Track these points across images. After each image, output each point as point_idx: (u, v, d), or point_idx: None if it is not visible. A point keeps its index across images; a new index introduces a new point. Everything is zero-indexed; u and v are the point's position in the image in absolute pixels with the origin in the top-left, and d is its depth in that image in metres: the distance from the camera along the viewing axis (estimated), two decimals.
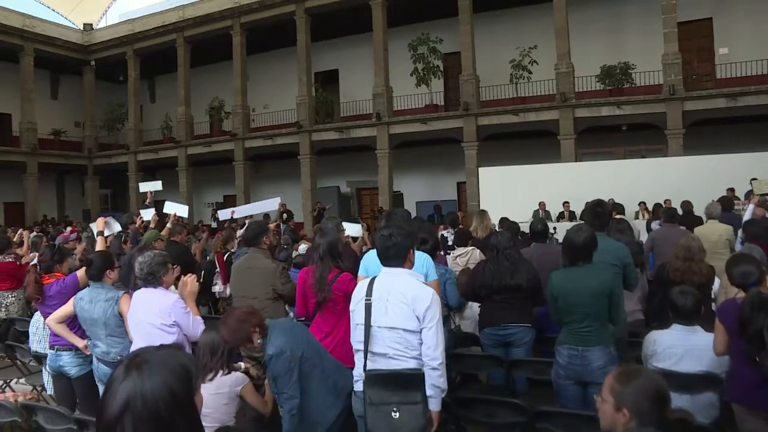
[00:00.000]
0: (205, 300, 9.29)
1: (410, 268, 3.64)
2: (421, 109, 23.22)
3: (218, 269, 9.28)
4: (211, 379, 3.99)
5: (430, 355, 3.39)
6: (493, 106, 21.92)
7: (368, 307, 3.48)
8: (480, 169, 20.14)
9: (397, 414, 3.30)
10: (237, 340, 3.59)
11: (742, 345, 3.62)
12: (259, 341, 3.58)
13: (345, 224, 7.03)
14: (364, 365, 3.43)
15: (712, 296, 5.65)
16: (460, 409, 4.27)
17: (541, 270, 5.72)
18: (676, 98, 18.93)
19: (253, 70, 27.03)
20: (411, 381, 3.39)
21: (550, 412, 3.94)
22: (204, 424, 3.47)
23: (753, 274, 3.77)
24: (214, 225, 19.55)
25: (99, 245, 6.08)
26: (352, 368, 3.64)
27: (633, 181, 15.47)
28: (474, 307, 5.92)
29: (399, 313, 3.43)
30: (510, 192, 17.13)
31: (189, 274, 4.72)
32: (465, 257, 7.11)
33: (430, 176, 25.22)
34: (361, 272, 4.61)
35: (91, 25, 30.97)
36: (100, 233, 6.48)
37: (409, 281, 3.56)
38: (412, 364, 3.42)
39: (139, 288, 4.47)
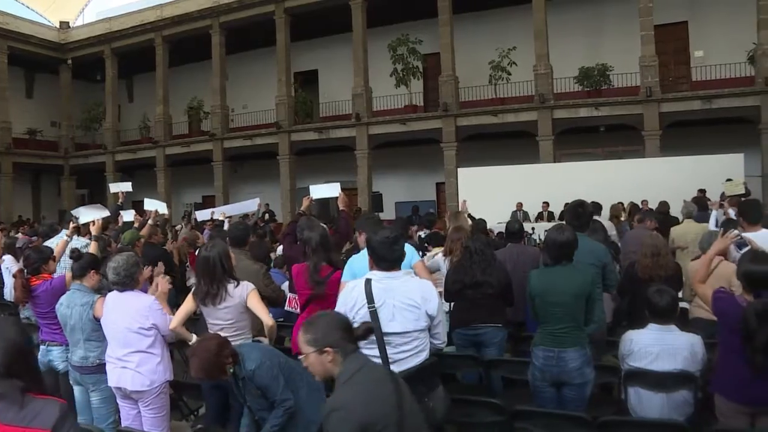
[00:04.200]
0: (177, 300, 9.20)
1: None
2: (400, 109, 23.24)
3: (189, 265, 9.20)
4: (219, 302, 4.19)
5: (441, 340, 3.68)
6: (472, 107, 22.00)
7: (375, 315, 3.46)
8: (459, 169, 20.23)
9: (430, 403, 3.44)
10: (211, 374, 3.58)
11: (733, 340, 3.67)
12: (231, 370, 3.59)
13: (317, 186, 7.02)
14: None
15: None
16: None
17: (515, 270, 5.78)
18: (652, 100, 19.14)
19: (232, 69, 26.89)
20: (431, 371, 3.56)
21: (528, 412, 3.97)
22: (230, 333, 3.96)
23: None
24: (181, 225, 19.36)
25: (92, 249, 6.00)
26: None
27: (611, 182, 15.59)
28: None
29: (409, 318, 3.48)
30: (489, 192, 17.18)
31: (161, 275, 4.71)
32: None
33: (409, 177, 25.25)
34: (346, 278, 4.42)
35: (68, 23, 30.61)
36: (96, 238, 6.38)
37: (409, 282, 3.61)
38: (422, 357, 3.53)
39: (113, 291, 4.44)
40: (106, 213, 7.87)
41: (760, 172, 18.04)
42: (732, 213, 8.57)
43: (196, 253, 9.00)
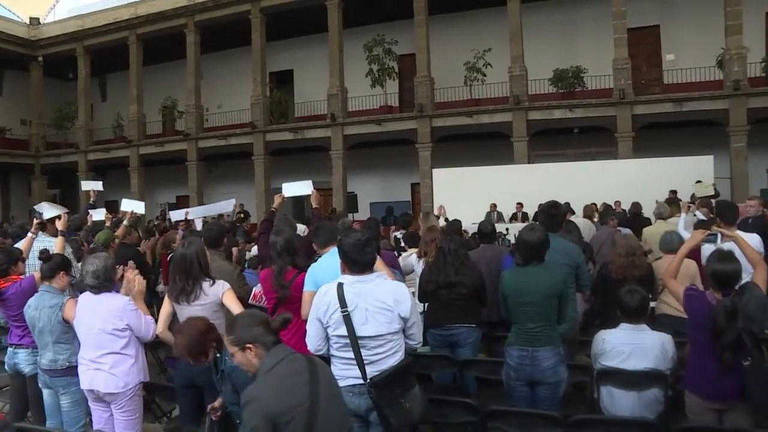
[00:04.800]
0: (150, 301, 9.13)
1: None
2: (375, 110, 23.25)
3: (161, 269, 9.13)
4: (194, 299, 4.16)
5: (416, 340, 3.66)
6: (447, 108, 22.06)
7: (348, 319, 3.45)
8: (434, 170, 20.31)
9: (407, 404, 3.45)
10: (194, 353, 3.55)
11: (703, 337, 3.74)
12: (215, 355, 3.57)
13: (289, 184, 6.98)
14: (364, 375, 3.43)
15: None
16: None
17: (489, 271, 5.82)
18: (625, 102, 19.35)
19: (207, 69, 26.74)
20: (406, 371, 3.57)
21: (501, 412, 4.00)
22: None
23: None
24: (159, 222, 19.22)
25: (59, 246, 5.92)
26: None
27: (584, 183, 15.74)
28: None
29: (382, 321, 3.48)
30: (463, 193, 17.30)
31: (135, 272, 4.66)
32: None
33: (384, 177, 25.27)
34: (309, 287, 4.38)
35: (38, 19, 30.08)
36: (63, 233, 6.30)
37: (381, 285, 3.59)
38: (397, 358, 3.53)
39: (85, 292, 4.39)
40: (66, 210, 7.74)
41: (729, 173, 18.35)
42: (700, 215, 8.72)
43: (171, 256, 8.98)
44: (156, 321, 4.44)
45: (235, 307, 4.26)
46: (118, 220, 8.66)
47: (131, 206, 9.21)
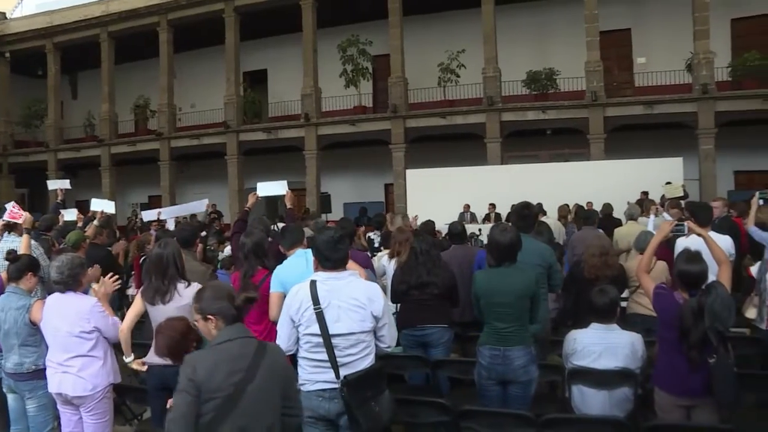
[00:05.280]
0: (120, 304, 9.03)
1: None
2: (349, 110, 23.22)
3: (133, 272, 9.03)
4: (169, 300, 4.12)
5: (387, 343, 3.65)
6: (421, 109, 22.12)
7: (321, 316, 3.44)
8: (407, 171, 20.39)
9: (377, 407, 3.44)
10: (175, 353, 3.51)
11: (671, 335, 3.80)
12: None
13: (264, 184, 6.95)
14: (336, 374, 3.41)
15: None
16: None
17: (460, 271, 5.84)
18: (597, 104, 19.56)
19: (180, 68, 26.48)
20: (378, 375, 3.57)
21: (473, 411, 4.02)
22: None
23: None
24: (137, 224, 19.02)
25: (24, 245, 5.81)
26: None
27: (557, 184, 15.87)
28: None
29: (355, 318, 3.47)
30: (437, 194, 17.37)
31: (109, 274, 4.61)
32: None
33: (357, 178, 25.26)
34: (275, 288, 4.43)
35: (4, 14, 29.46)
36: (28, 231, 6.20)
37: (354, 283, 3.59)
38: (369, 361, 3.52)
39: (55, 292, 4.33)
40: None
41: (698, 175, 18.64)
42: (667, 216, 8.84)
43: (143, 258, 8.88)
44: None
45: None
46: (89, 220, 8.56)
47: (101, 206, 9.12)
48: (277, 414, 2.87)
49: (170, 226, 11.09)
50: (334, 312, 3.44)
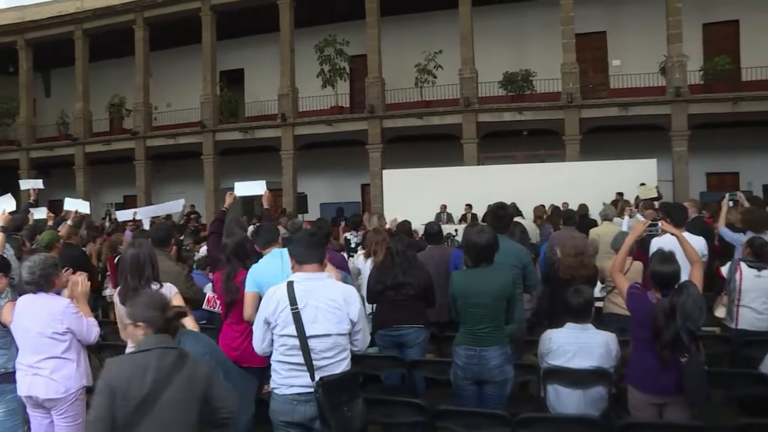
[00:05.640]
0: (95, 305, 8.94)
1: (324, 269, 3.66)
2: (326, 110, 23.20)
3: (108, 272, 8.94)
4: None
5: (359, 347, 3.65)
6: (398, 109, 22.18)
7: (297, 317, 3.41)
8: (384, 171, 20.40)
9: (349, 412, 3.42)
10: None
11: (644, 334, 3.86)
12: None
13: (242, 183, 6.91)
14: (312, 376, 3.39)
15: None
16: None
17: (437, 272, 5.85)
18: (573, 106, 19.74)
19: (156, 66, 26.23)
20: (352, 381, 3.57)
21: (449, 411, 4.03)
22: None
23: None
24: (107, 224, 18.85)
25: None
26: (263, 367, 3.62)
27: (533, 185, 15.97)
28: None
29: (332, 319, 3.46)
30: (413, 194, 17.39)
31: (79, 273, 4.55)
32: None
33: (334, 178, 25.24)
34: (250, 288, 4.41)
35: None
36: (3, 229, 6.09)
37: (332, 284, 3.59)
38: (344, 365, 3.51)
39: (27, 293, 4.27)
40: (11, 204, 7.44)
41: (671, 176, 18.88)
42: (641, 217, 8.94)
43: (117, 258, 8.79)
44: (99, 323, 4.34)
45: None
46: (61, 219, 8.45)
47: (75, 206, 9.00)
48: (193, 425, 2.89)
49: (146, 226, 11.00)
50: (311, 312, 3.43)
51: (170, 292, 4.24)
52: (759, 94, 18.83)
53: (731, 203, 7.78)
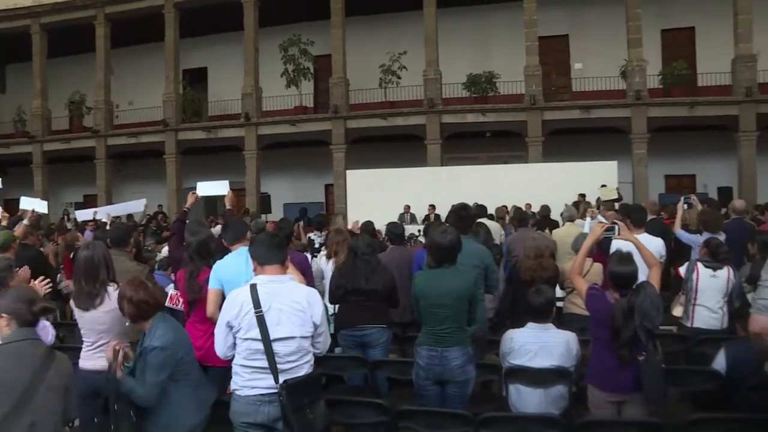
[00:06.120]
0: (54, 305, 8.77)
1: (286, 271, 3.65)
2: (290, 110, 23.10)
3: (63, 267, 8.79)
4: (99, 304, 4.00)
5: (320, 350, 3.65)
6: (362, 110, 22.20)
7: (261, 320, 3.39)
8: (348, 171, 20.41)
9: (311, 415, 3.41)
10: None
11: (603, 334, 3.93)
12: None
13: (204, 183, 6.83)
14: (276, 378, 3.37)
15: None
16: None
17: (399, 272, 5.86)
18: (536, 108, 19.96)
19: (118, 64, 25.80)
20: (315, 383, 3.59)
21: (411, 411, 4.04)
22: (106, 340, 3.85)
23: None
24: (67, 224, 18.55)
25: None
26: (226, 366, 3.59)
27: (496, 186, 16.10)
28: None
29: (296, 322, 3.45)
30: (377, 195, 17.43)
31: (39, 278, 4.46)
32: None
33: (298, 178, 25.15)
34: (213, 285, 4.41)
35: None
36: None
37: (295, 286, 3.59)
38: (307, 368, 3.51)
39: None
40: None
41: (631, 178, 19.22)
42: (601, 218, 9.09)
43: (73, 255, 8.64)
44: (57, 324, 4.27)
45: None
46: (17, 219, 8.27)
47: (32, 205, 8.82)
48: (63, 414, 3.01)
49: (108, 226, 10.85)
50: (275, 315, 3.41)
51: None
52: (713, 99, 19.37)
53: (686, 206, 8.04)
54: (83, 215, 13.41)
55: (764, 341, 3.05)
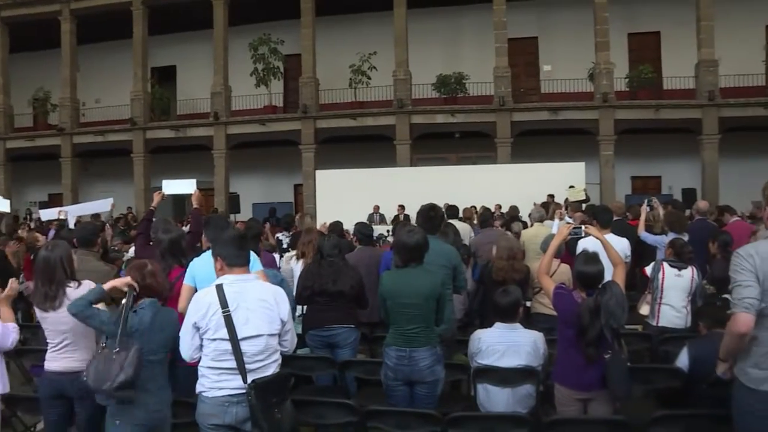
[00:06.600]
0: (17, 307, 8.62)
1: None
2: (259, 110, 22.99)
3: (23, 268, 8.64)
4: (59, 306, 3.90)
5: (288, 348, 3.66)
6: (331, 110, 22.18)
7: (229, 320, 3.37)
8: (317, 171, 20.41)
9: (279, 414, 3.40)
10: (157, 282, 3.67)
11: (569, 333, 3.99)
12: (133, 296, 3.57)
13: (171, 182, 6.76)
14: (244, 378, 3.35)
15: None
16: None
17: (368, 272, 5.86)
18: (505, 109, 20.11)
19: (84, 60, 25.32)
20: (283, 383, 3.57)
21: (380, 411, 4.05)
22: (69, 341, 3.84)
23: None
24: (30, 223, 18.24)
25: None
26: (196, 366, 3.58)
27: (465, 186, 16.19)
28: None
29: (264, 320, 3.45)
30: (347, 195, 17.46)
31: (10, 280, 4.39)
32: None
33: (267, 178, 25.07)
34: (186, 281, 4.39)
35: None
36: None
37: (261, 285, 3.60)
38: (274, 368, 3.51)
39: None
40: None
41: (599, 179, 19.46)
42: (568, 219, 9.22)
43: (34, 256, 8.49)
44: (20, 327, 4.20)
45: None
46: None
47: None
48: None
49: (72, 225, 10.69)
50: (242, 314, 3.40)
51: (88, 288, 4.10)
52: (678, 102, 19.72)
53: (648, 208, 8.26)
54: (47, 215, 13.17)
55: (744, 341, 3.09)
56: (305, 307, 5.65)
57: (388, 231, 13.35)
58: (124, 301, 3.54)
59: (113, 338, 3.42)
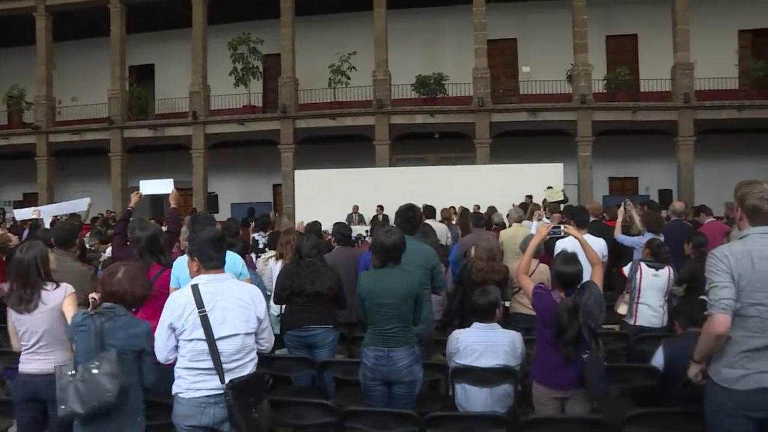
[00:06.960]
0: None
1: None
2: (238, 109, 22.90)
3: None
4: (34, 308, 3.86)
5: (265, 346, 3.66)
6: (311, 110, 22.14)
7: (206, 320, 3.36)
8: (296, 171, 20.40)
9: (257, 414, 3.39)
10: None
11: (548, 332, 4.01)
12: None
13: (148, 182, 6.69)
14: (222, 379, 3.34)
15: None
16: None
17: (346, 272, 5.85)
18: (484, 110, 20.22)
19: (60, 58, 25.04)
20: (259, 382, 3.57)
21: (358, 411, 4.05)
22: (44, 343, 3.79)
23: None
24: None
25: None
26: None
27: (444, 187, 16.24)
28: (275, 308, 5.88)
29: (241, 318, 3.44)
30: (325, 195, 17.46)
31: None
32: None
33: (246, 178, 24.97)
34: (172, 283, 4.40)
35: None
36: None
37: (237, 284, 3.59)
38: (251, 367, 3.50)
39: None
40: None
41: (577, 180, 19.61)
42: (547, 220, 9.31)
43: (7, 258, 8.37)
44: None
45: (72, 314, 3.94)
46: None
47: None
48: None
49: (47, 225, 10.58)
50: (219, 314, 3.39)
51: (65, 292, 4.03)
52: (654, 104, 19.97)
53: (623, 210, 8.39)
54: (22, 214, 13.01)
55: (720, 342, 3.13)
56: (284, 307, 5.62)
57: (366, 231, 13.35)
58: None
59: (84, 355, 3.39)
